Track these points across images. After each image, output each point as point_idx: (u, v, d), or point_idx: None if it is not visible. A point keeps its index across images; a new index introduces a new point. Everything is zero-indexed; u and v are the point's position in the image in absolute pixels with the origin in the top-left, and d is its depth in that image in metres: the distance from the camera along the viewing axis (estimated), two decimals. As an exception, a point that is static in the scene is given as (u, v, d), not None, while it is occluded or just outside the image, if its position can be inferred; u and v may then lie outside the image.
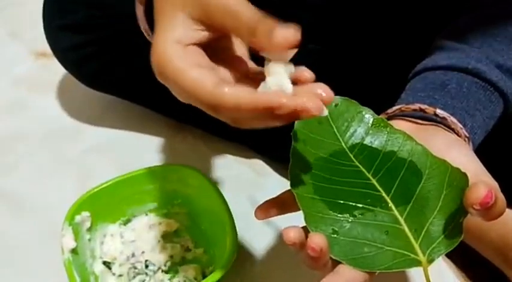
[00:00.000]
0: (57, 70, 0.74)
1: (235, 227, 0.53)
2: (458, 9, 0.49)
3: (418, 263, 0.34)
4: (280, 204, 0.40)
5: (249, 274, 0.57)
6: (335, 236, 0.35)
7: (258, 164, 0.69)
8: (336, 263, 0.35)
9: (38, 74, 0.83)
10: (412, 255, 0.34)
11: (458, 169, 0.36)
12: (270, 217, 0.41)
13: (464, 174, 0.35)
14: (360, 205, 0.36)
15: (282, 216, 0.63)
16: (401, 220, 0.36)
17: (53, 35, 0.68)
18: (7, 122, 0.76)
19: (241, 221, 0.55)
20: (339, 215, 0.36)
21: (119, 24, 0.65)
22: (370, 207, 0.36)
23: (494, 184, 0.35)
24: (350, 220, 0.36)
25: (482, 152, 0.41)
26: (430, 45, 0.48)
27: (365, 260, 0.34)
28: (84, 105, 0.77)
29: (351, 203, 0.37)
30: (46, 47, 0.69)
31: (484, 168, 0.37)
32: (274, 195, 0.41)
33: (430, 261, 0.34)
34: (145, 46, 0.65)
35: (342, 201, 0.37)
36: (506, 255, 0.44)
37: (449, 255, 0.58)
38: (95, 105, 0.77)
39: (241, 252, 0.58)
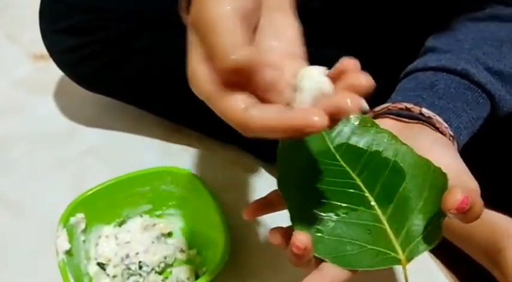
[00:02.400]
0: (55, 72, 0.74)
1: (228, 228, 0.54)
2: (451, 12, 0.50)
3: (397, 262, 0.34)
4: (267, 204, 0.41)
5: (241, 275, 0.58)
6: (319, 234, 0.36)
7: (252, 165, 0.69)
8: (319, 261, 0.36)
9: (36, 77, 0.84)
10: (393, 254, 0.35)
11: (439, 169, 0.36)
12: (258, 217, 0.41)
13: (444, 175, 0.36)
14: (345, 204, 0.37)
15: (274, 216, 0.64)
16: (384, 219, 0.36)
17: (49, 38, 0.68)
18: (4, 123, 0.76)
19: (235, 223, 0.56)
20: (323, 214, 0.36)
21: (114, 27, 0.65)
22: (354, 206, 0.37)
23: (474, 186, 0.36)
24: (334, 219, 0.36)
25: (467, 152, 0.42)
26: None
27: (348, 258, 0.35)
28: (80, 108, 0.78)
29: (335, 203, 0.37)
30: (44, 50, 0.69)
31: (466, 168, 0.38)
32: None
33: (409, 259, 0.34)
34: (141, 48, 0.66)
35: (327, 201, 0.37)
36: (492, 257, 0.45)
37: (438, 255, 0.58)
38: (91, 108, 0.78)
39: (234, 254, 0.59)
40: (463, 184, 0.35)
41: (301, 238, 0.34)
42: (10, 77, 0.84)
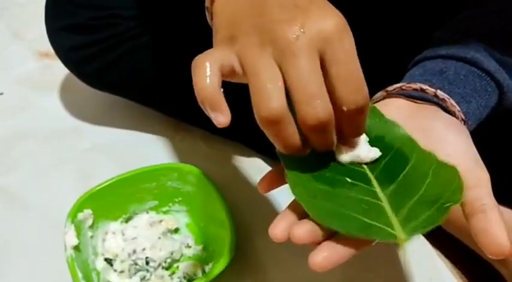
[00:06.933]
0: (60, 70, 0.75)
1: (234, 224, 0.54)
2: (461, 6, 0.50)
3: (392, 237, 0.33)
4: (281, 174, 0.39)
5: (247, 270, 0.58)
6: (314, 199, 0.35)
7: (257, 162, 0.70)
8: (329, 233, 0.35)
9: (41, 74, 0.84)
10: (389, 229, 0.34)
11: (445, 163, 0.36)
12: (273, 189, 0.40)
13: (453, 169, 0.36)
14: (343, 178, 0.37)
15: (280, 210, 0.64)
16: (382, 197, 0.36)
17: (54, 36, 0.68)
18: (9, 121, 0.77)
19: (240, 219, 0.56)
20: (321, 186, 0.36)
21: (120, 25, 0.66)
22: (354, 181, 0.37)
23: (486, 178, 0.36)
24: (332, 190, 0.36)
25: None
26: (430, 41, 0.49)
27: (341, 222, 0.34)
28: (86, 105, 0.78)
29: (335, 177, 0.37)
30: (49, 47, 0.69)
31: (479, 157, 0.38)
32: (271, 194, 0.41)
33: (407, 239, 0.33)
34: (146, 47, 0.66)
35: (327, 175, 0.37)
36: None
37: (446, 254, 0.59)
38: (96, 105, 0.78)
39: (240, 249, 0.59)
40: (474, 177, 0.35)
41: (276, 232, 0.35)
42: (15, 74, 0.84)
